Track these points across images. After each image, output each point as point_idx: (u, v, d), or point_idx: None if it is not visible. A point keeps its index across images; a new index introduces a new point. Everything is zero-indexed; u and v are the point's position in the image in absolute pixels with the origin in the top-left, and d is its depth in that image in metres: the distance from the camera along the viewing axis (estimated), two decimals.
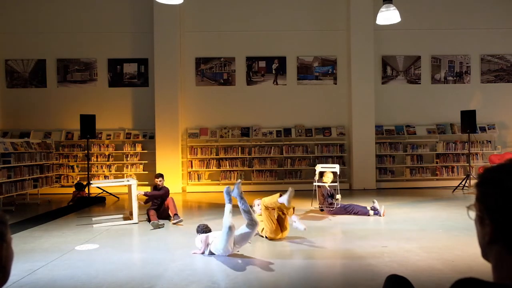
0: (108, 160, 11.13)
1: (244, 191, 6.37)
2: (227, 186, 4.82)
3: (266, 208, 5.23)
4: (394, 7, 7.60)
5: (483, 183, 0.96)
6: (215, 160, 11.14)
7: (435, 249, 4.72)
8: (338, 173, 7.16)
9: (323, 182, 7.26)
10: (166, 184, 7.26)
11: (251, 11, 11.36)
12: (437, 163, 11.33)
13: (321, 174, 7.41)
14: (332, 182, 7.27)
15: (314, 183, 7.18)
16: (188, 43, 11.30)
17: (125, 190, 8.49)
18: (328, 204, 7.03)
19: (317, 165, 7.55)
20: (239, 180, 4.80)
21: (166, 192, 7.03)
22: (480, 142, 11.22)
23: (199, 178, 11.13)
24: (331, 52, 11.46)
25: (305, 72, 11.48)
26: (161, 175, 7.17)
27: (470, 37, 11.52)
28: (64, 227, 6.36)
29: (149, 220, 6.60)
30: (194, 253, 4.69)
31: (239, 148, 11.13)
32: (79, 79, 11.37)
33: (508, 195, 0.89)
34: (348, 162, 11.25)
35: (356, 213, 7.01)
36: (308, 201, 7.75)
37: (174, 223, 6.50)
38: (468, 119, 9.89)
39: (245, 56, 11.42)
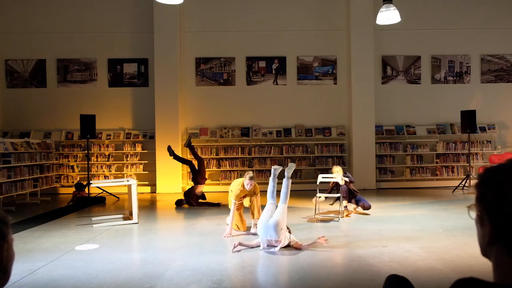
0: (108, 160, 11.13)
1: None
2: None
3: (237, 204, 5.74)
4: (394, 7, 7.60)
5: (482, 183, 0.96)
6: (215, 160, 11.14)
7: (435, 249, 4.72)
8: (340, 183, 6.82)
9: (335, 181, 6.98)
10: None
11: (251, 11, 11.35)
12: (437, 163, 11.32)
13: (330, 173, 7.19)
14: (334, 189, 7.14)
15: (317, 194, 6.75)
16: (188, 43, 11.30)
17: (125, 190, 8.49)
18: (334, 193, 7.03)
19: (319, 175, 7.03)
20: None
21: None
22: (480, 142, 11.22)
23: None
24: (331, 52, 11.46)
25: (305, 72, 11.48)
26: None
27: (470, 37, 11.52)
28: (64, 227, 6.36)
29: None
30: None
31: (239, 148, 11.13)
32: (79, 79, 11.37)
33: (506, 196, 0.89)
34: (348, 162, 11.25)
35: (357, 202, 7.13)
36: (308, 202, 7.73)
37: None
38: (468, 119, 9.88)
39: (245, 56, 11.41)
